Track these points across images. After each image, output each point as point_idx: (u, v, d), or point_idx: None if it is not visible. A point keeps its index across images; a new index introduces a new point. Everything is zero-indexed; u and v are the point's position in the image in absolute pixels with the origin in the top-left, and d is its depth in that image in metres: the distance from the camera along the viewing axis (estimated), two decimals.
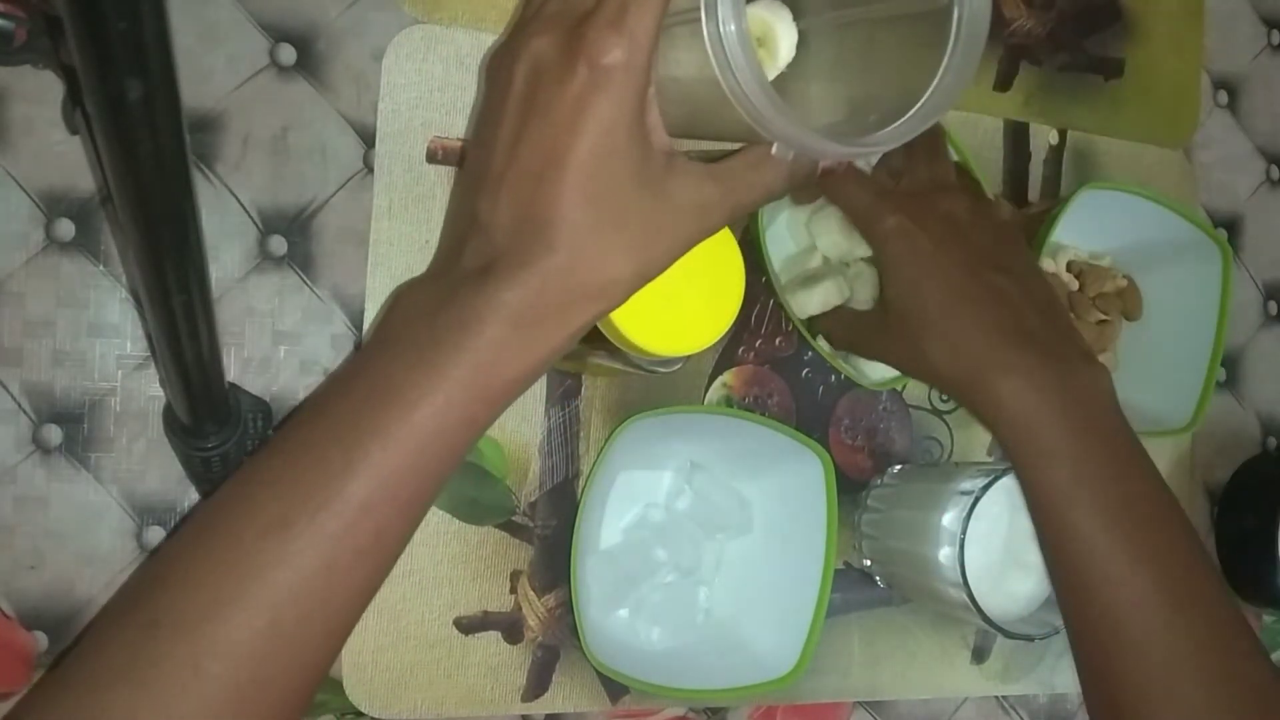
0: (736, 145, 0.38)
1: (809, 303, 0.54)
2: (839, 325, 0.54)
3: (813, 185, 0.54)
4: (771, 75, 0.39)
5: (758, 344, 0.56)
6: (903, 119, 0.36)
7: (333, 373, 0.49)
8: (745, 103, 0.33)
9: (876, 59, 0.39)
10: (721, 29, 0.32)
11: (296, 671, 0.35)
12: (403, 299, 0.38)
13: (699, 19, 0.33)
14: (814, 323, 0.55)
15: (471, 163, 0.39)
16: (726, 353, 0.56)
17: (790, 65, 0.40)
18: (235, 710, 0.34)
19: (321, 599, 0.35)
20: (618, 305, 0.37)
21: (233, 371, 0.48)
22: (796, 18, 0.40)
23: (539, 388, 0.52)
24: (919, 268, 0.48)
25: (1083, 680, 0.48)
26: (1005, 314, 0.48)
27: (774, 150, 0.36)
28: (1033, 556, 0.55)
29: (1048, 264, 0.62)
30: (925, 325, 0.48)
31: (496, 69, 0.38)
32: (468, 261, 0.37)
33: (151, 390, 0.47)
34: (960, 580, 0.50)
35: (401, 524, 0.37)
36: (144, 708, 0.33)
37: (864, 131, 0.36)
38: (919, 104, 0.36)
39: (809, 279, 0.54)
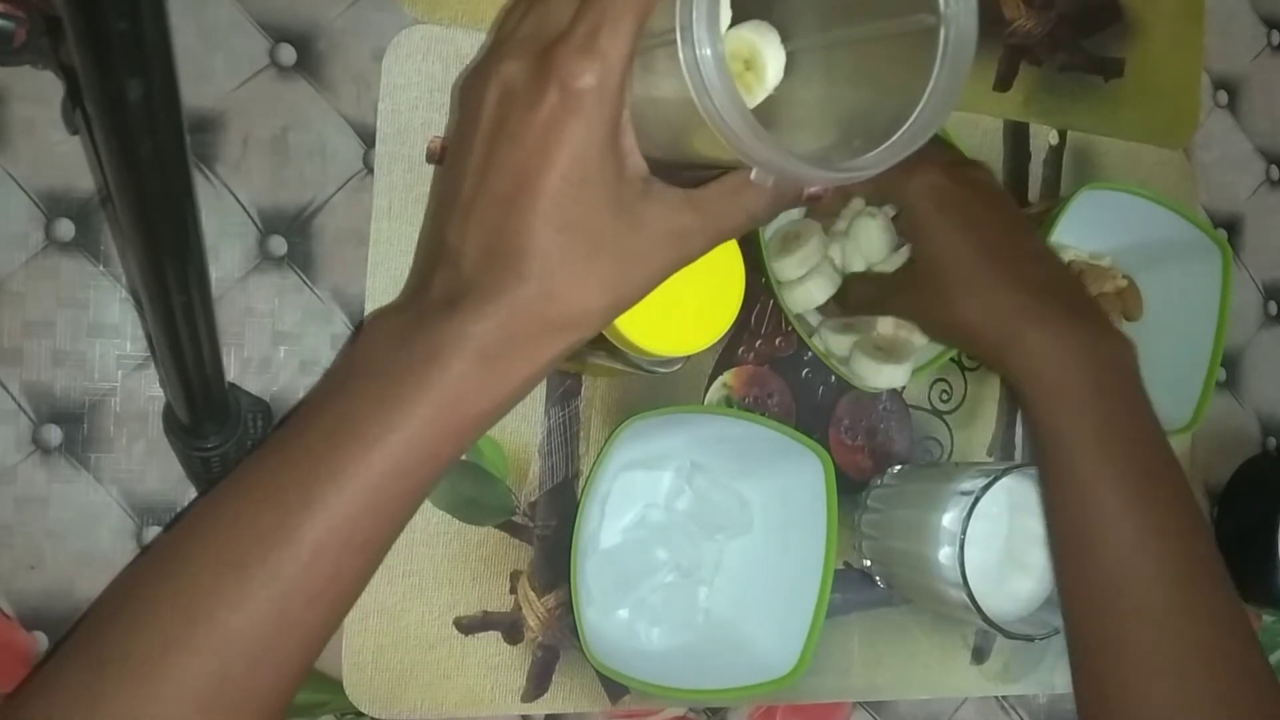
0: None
1: (800, 299, 0.54)
2: (861, 284, 0.54)
3: (837, 201, 0.55)
4: (760, 98, 0.38)
5: (758, 344, 0.56)
6: (888, 142, 0.35)
7: (301, 400, 0.48)
8: (723, 128, 0.32)
9: (865, 80, 0.39)
10: (698, 52, 0.31)
11: (245, 716, 0.34)
12: (370, 328, 0.37)
13: (675, 41, 0.32)
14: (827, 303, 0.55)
15: (441, 189, 0.38)
16: (726, 353, 0.56)
17: (778, 88, 0.39)
18: None
19: (273, 644, 0.34)
20: (591, 336, 0.36)
21: (233, 371, 0.48)
22: (784, 40, 0.39)
23: (539, 388, 0.52)
24: (955, 223, 0.48)
25: (1070, 639, 0.48)
26: (1038, 272, 0.48)
27: (753, 175, 0.35)
28: (1033, 557, 0.55)
29: None
30: (958, 279, 0.48)
31: (467, 93, 0.37)
32: (436, 291, 0.35)
33: (151, 390, 0.47)
34: (960, 580, 0.50)
35: (359, 565, 0.35)
36: None
37: (851, 154, 0.35)
38: (904, 127, 0.35)
39: (801, 278, 0.54)
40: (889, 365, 0.54)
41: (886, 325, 0.55)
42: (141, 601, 0.34)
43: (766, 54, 0.38)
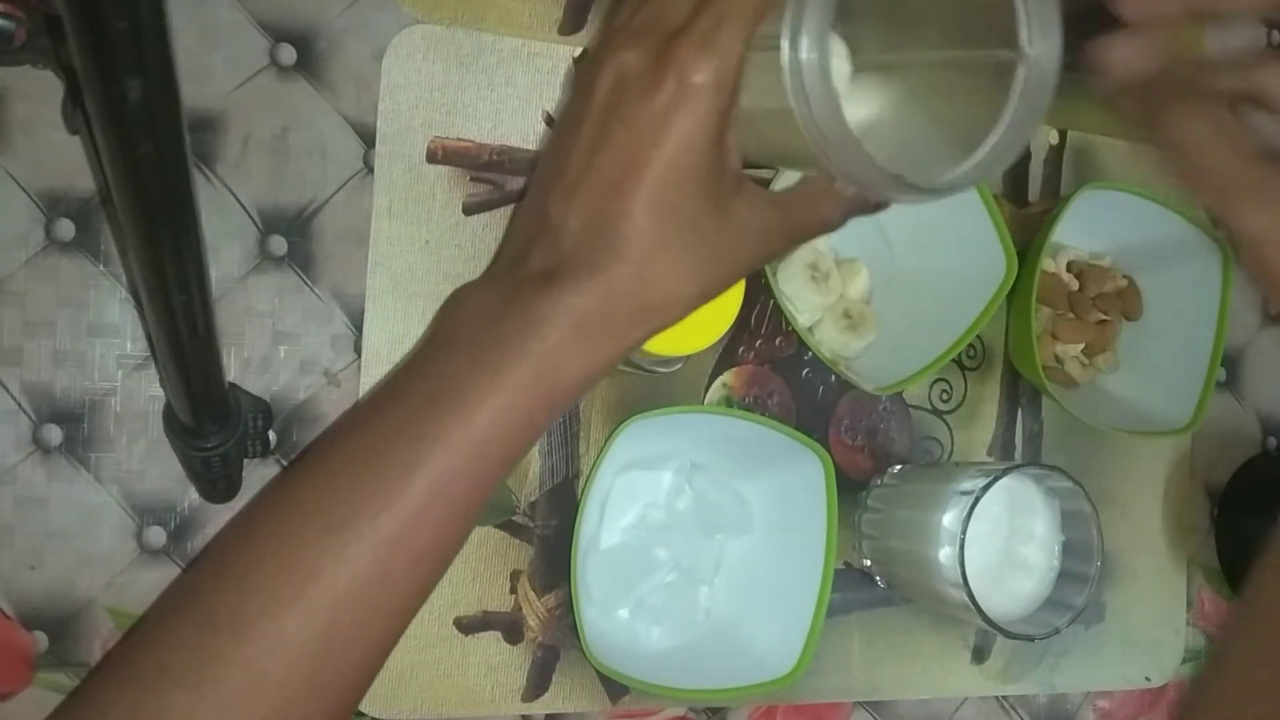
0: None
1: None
2: None
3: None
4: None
5: (758, 344, 0.56)
6: (960, 169, 0.35)
7: (389, 374, 0.49)
8: (817, 135, 0.33)
9: (929, 104, 0.39)
10: (804, 57, 0.32)
11: (350, 674, 0.35)
12: (462, 299, 0.38)
13: (778, 46, 0.32)
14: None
15: (546, 165, 0.39)
16: (726, 353, 0.56)
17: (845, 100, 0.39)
18: (290, 712, 0.34)
19: (377, 602, 0.35)
20: (674, 323, 0.37)
21: (233, 371, 0.48)
22: (854, 53, 0.39)
23: None
24: None
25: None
26: None
27: (836, 184, 0.36)
28: (1033, 557, 0.55)
29: (1048, 264, 0.62)
30: None
31: (581, 75, 0.38)
32: (534, 263, 0.37)
33: (151, 390, 0.47)
34: (960, 580, 0.50)
35: (457, 528, 0.36)
36: (202, 710, 0.33)
37: (915, 175, 0.35)
38: (976, 156, 0.35)
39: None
40: (854, 338, 0.55)
41: (858, 291, 0.56)
42: (248, 560, 0.35)
43: (832, 65, 0.39)
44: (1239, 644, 0.44)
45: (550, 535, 0.52)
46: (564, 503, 0.53)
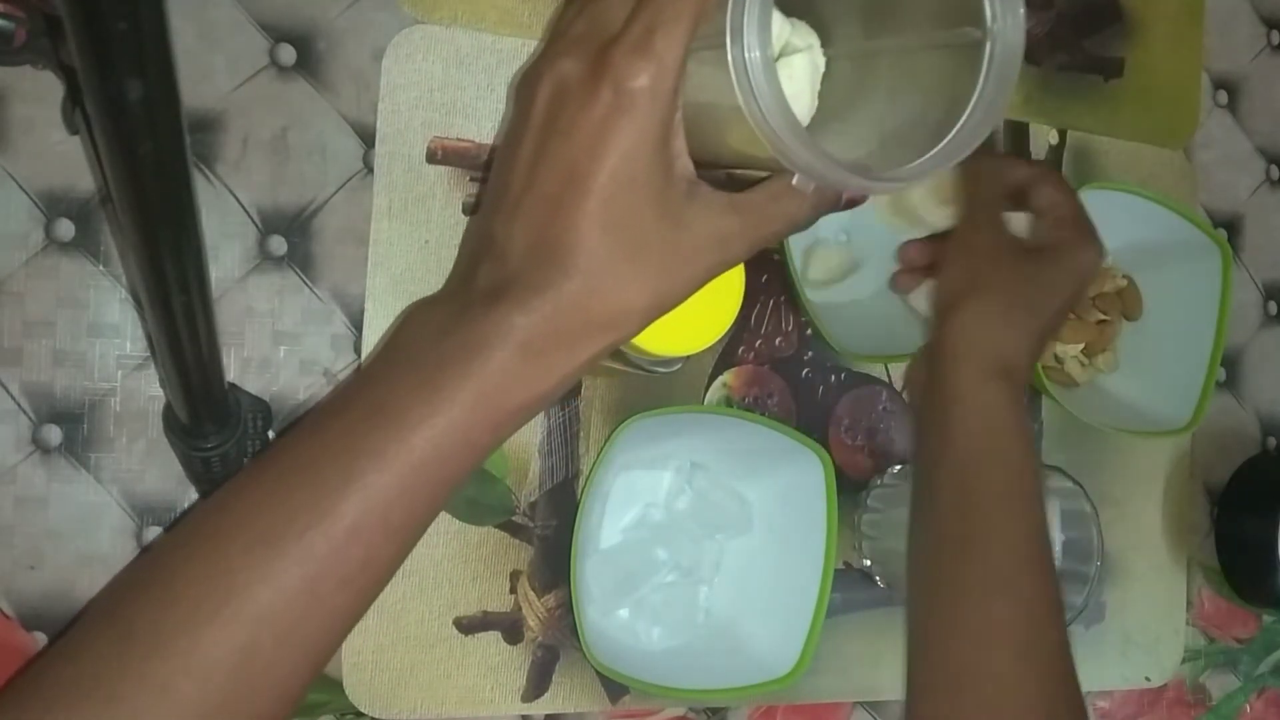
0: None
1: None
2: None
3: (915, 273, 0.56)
4: (802, 104, 0.38)
5: (758, 344, 0.56)
6: (929, 154, 0.35)
7: (335, 387, 0.49)
8: (769, 133, 0.32)
9: (906, 90, 0.38)
10: (747, 55, 0.31)
11: (268, 695, 0.34)
12: (412, 317, 0.37)
13: (724, 44, 0.32)
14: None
15: (491, 182, 0.38)
16: (726, 353, 0.56)
17: (818, 94, 0.39)
18: None
19: (301, 623, 0.34)
20: (631, 337, 0.36)
21: (233, 371, 0.48)
22: (824, 45, 0.39)
23: None
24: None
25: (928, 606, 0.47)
26: None
27: (795, 181, 0.35)
28: None
29: None
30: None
31: (520, 89, 0.37)
32: (481, 283, 0.36)
33: (151, 390, 0.47)
34: None
35: (390, 550, 0.35)
36: None
37: (890, 164, 0.35)
38: (947, 139, 0.35)
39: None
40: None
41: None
42: (171, 574, 0.34)
43: (806, 57, 0.38)
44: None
45: (550, 535, 0.52)
46: (564, 503, 0.53)
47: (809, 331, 0.57)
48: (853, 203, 0.38)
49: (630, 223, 0.34)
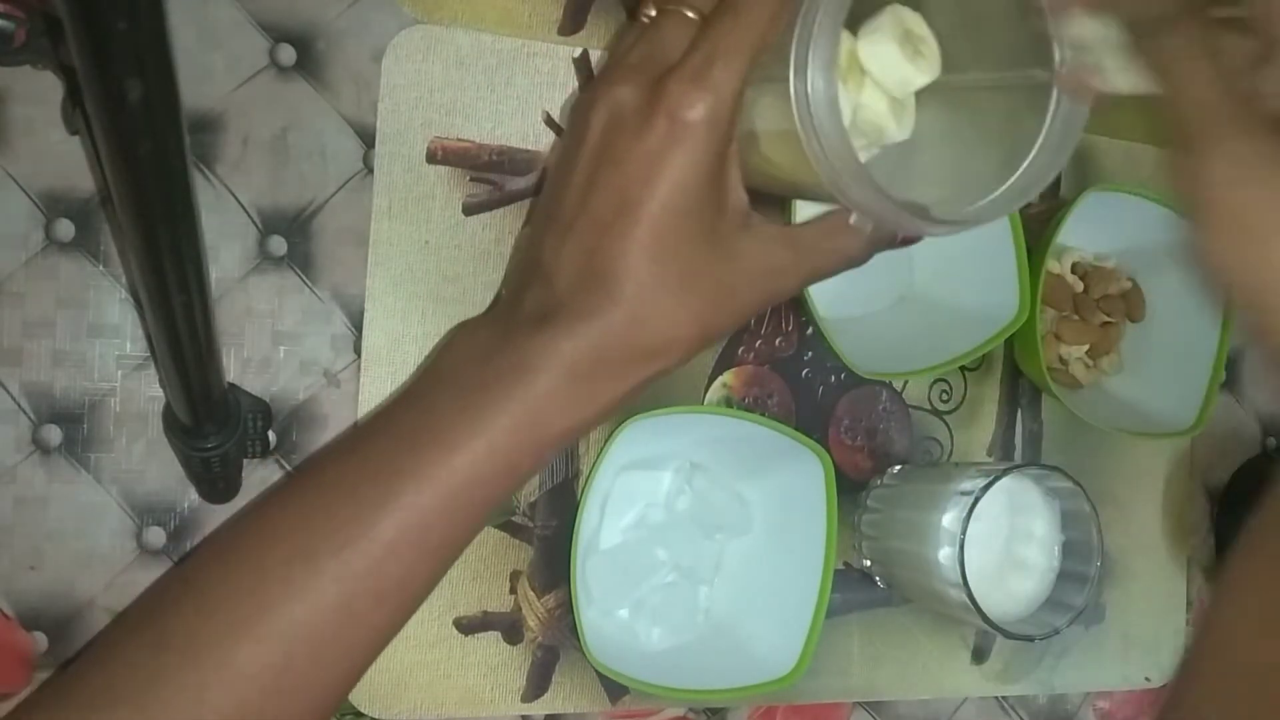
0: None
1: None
2: None
3: None
4: (894, 139, 0.37)
5: (758, 344, 0.56)
6: (990, 197, 0.34)
7: (378, 407, 0.48)
8: (828, 169, 0.32)
9: (966, 129, 0.38)
10: (810, 89, 0.31)
11: (301, 708, 0.34)
12: (457, 339, 0.37)
13: (786, 78, 0.31)
14: None
15: (541, 206, 0.38)
16: (726, 353, 0.56)
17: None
18: None
19: (336, 638, 0.34)
20: (678, 367, 0.36)
21: (233, 371, 0.48)
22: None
23: None
24: None
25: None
26: None
27: (852, 219, 0.34)
28: (1033, 557, 0.55)
29: (1053, 266, 0.62)
30: None
31: (575, 114, 0.37)
32: (528, 307, 0.36)
33: (151, 390, 0.47)
34: (960, 581, 0.50)
35: (427, 569, 0.35)
36: None
37: (948, 204, 0.34)
38: (1009, 181, 0.34)
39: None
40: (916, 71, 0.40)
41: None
42: (208, 585, 0.34)
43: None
44: (1227, 613, 0.41)
45: (550, 535, 0.52)
46: (564, 503, 0.53)
47: (809, 331, 0.57)
48: (907, 241, 0.37)
49: (681, 253, 0.34)
